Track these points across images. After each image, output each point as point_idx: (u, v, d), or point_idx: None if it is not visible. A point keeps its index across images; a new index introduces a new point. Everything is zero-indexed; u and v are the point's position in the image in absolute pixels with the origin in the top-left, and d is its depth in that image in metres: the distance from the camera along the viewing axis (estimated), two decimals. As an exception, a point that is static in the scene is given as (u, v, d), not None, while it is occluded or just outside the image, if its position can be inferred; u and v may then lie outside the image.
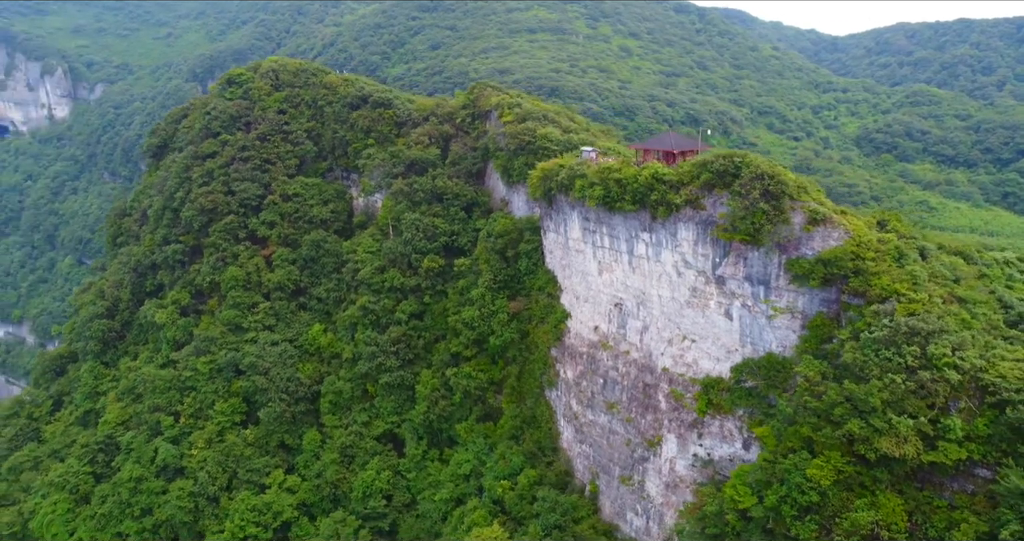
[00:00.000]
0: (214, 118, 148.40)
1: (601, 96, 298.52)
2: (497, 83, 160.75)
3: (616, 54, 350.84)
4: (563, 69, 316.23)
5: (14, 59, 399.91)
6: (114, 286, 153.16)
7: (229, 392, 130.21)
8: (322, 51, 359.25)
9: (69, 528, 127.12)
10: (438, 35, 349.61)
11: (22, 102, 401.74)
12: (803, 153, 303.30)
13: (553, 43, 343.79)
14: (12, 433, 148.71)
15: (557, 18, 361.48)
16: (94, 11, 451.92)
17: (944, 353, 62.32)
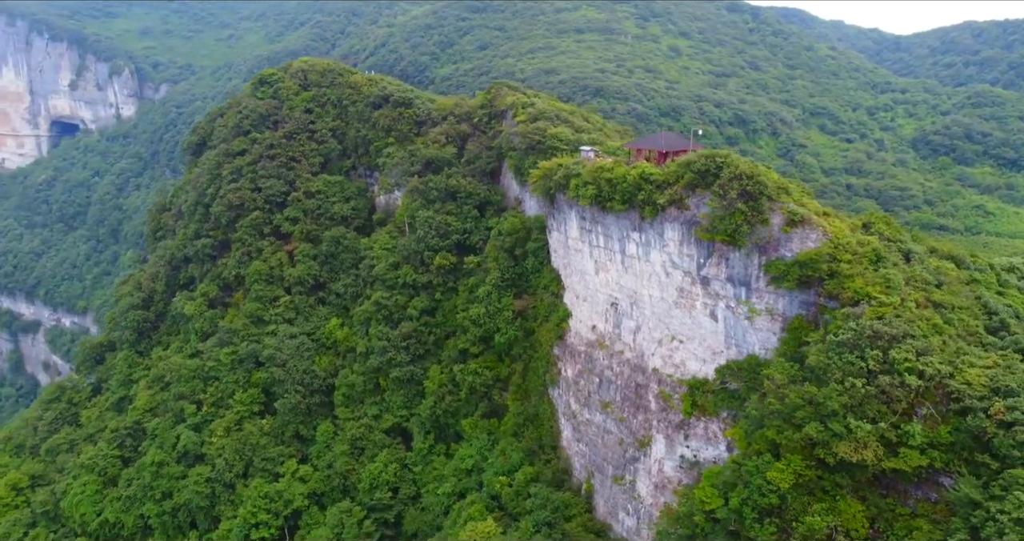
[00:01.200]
0: (245, 117, 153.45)
1: (647, 96, 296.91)
2: (516, 83, 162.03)
3: (665, 54, 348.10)
4: (609, 69, 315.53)
5: (85, 60, 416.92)
6: (150, 278, 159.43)
7: (249, 383, 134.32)
8: (374, 52, 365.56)
9: (97, 509, 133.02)
10: (486, 35, 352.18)
11: (92, 101, 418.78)
12: (855, 155, 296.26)
13: (600, 43, 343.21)
14: (52, 416, 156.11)
15: (605, 18, 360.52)
16: (161, 14, 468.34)
17: (906, 358, 61.12)
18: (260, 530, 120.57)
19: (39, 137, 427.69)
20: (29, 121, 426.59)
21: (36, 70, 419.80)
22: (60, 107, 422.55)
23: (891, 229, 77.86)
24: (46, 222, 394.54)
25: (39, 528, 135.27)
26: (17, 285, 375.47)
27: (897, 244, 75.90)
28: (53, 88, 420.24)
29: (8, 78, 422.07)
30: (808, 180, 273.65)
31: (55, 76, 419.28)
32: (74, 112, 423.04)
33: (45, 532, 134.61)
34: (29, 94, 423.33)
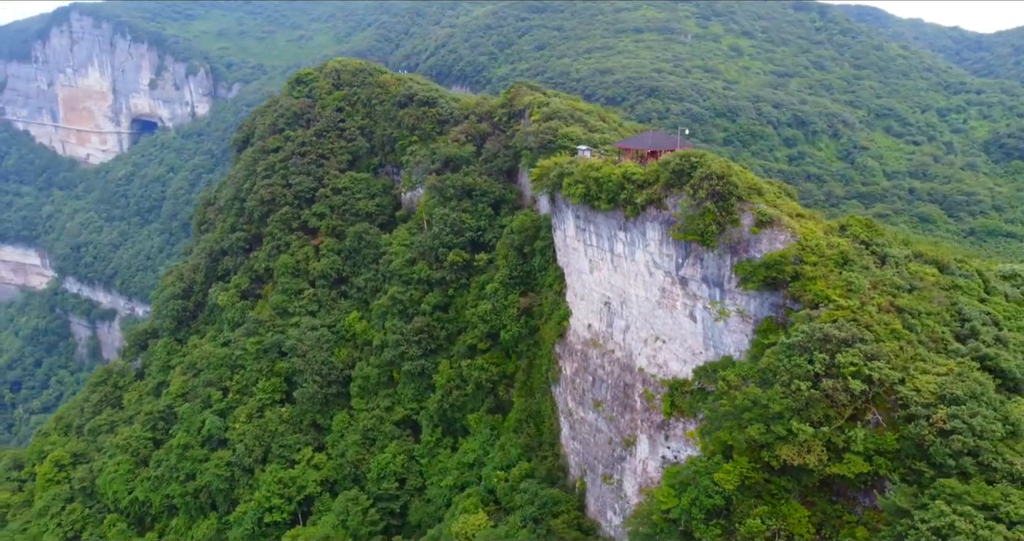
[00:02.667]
0: (280, 115, 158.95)
1: (703, 97, 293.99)
2: (537, 83, 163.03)
3: (725, 54, 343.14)
4: (666, 69, 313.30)
5: (164, 60, 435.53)
6: (191, 269, 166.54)
7: (272, 372, 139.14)
8: (434, 52, 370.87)
9: (128, 487, 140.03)
10: (544, 36, 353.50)
11: (169, 100, 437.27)
12: (921, 158, 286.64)
13: (659, 43, 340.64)
14: (98, 398, 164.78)
15: (665, 18, 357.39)
16: (237, 15, 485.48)
17: (851, 362, 60.02)
18: (273, 514, 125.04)
19: (120, 134, 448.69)
20: (112, 119, 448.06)
21: (119, 70, 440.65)
22: (140, 105, 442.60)
23: (870, 232, 76.12)
24: (124, 215, 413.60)
25: (76, 503, 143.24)
26: (96, 275, 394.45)
27: (873, 247, 74.26)
28: (134, 87, 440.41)
29: (94, 78, 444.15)
30: (868, 184, 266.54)
31: (136, 76, 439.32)
32: (153, 110, 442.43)
33: (81, 507, 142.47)
34: (112, 93, 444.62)
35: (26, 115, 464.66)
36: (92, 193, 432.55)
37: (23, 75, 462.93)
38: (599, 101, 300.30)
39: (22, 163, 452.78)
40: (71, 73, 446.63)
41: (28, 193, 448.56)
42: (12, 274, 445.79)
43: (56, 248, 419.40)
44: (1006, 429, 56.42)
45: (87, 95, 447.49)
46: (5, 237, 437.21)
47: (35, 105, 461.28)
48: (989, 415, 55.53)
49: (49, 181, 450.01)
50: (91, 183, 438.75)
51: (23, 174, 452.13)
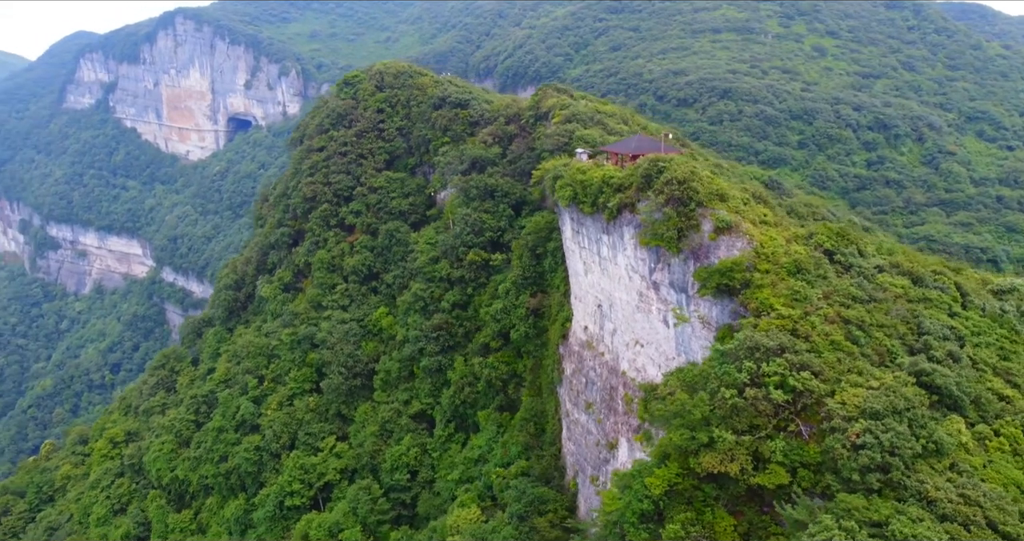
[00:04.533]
0: (327, 116, 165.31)
1: (778, 98, 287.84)
2: (565, 86, 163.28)
3: (807, 54, 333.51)
4: (741, 70, 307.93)
5: (259, 62, 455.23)
6: (244, 262, 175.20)
7: (304, 362, 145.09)
8: (511, 53, 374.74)
9: (170, 466, 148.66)
10: (620, 36, 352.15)
11: (263, 100, 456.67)
12: (1014, 164, 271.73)
13: (737, 43, 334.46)
14: (154, 381, 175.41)
15: (746, 17, 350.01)
16: (329, 18, 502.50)
17: (776, 372, 59.28)
18: (294, 498, 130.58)
19: (217, 132, 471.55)
20: (210, 117, 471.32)
21: (217, 71, 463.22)
22: (236, 105, 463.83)
23: (838, 241, 74.31)
24: (217, 210, 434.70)
25: (125, 478, 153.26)
26: (190, 265, 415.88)
27: (839, 256, 72.57)
28: (231, 87, 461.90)
29: (194, 78, 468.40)
30: (952, 190, 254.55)
31: (233, 76, 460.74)
32: (247, 109, 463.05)
33: (129, 482, 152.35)
34: (211, 93, 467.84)
35: (134, 113, 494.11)
36: (189, 188, 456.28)
37: (132, 76, 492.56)
38: (670, 103, 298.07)
39: (129, 159, 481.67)
40: (174, 74, 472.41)
41: (133, 187, 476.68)
42: (117, 263, 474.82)
43: (156, 239, 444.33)
44: (928, 447, 54.79)
45: (188, 95, 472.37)
46: (111, 228, 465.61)
47: (142, 104, 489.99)
48: (904, 432, 53.93)
49: (152, 176, 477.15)
50: (189, 178, 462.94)
51: (129, 169, 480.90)
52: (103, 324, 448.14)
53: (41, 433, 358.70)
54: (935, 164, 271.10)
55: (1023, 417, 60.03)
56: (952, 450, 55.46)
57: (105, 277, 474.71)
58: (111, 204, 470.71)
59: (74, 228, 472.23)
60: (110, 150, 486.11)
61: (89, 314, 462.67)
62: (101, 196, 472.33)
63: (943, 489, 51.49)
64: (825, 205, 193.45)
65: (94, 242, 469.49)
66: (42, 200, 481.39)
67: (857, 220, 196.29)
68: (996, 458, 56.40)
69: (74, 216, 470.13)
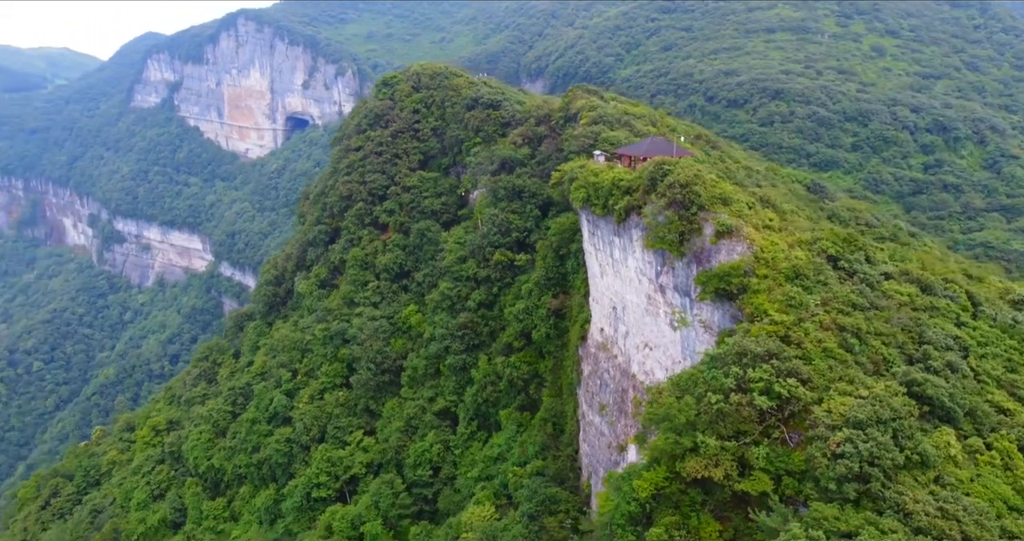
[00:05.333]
0: (364, 116, 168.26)
1: (832, 99, 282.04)
2: (596, 87, 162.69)
3: (865, 54, 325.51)
4: (795, 71, 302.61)
5: (316, 62, 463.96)
6: (285, 258, 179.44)
7: (335, 357, 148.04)
8: (562, 53, 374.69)
9: (207, 454, 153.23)
10: (672, 36, 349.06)
11: (320, 99, 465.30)
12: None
13: (791, 43, 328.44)
14: (197, 372, 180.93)
15: (802, 16, 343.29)
16: (386, 19, 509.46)
17: (761, 378, 58.75)
18: (320, 490, 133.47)
19: (275, 130, 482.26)
20: (268, 116, 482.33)
21: (277, 71, 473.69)
22: (293, 104, 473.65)
23: (844, 246, 73.04)
24: (274, 206, 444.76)
25: (165, 465, 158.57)
26: (246, 260, 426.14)
27: (843, 262, 71.35)
28: (289, 87, 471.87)
29: (254, 78, 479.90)
30: (1014, 195, 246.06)
31: (291, 76, 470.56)
32: (305, 109, 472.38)
33: (168, 469, 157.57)
34: (270, 92, 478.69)
35: (197, 112, 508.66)
36: (248, 185, 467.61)
37: (196, 75, 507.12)
38: (720, 104, 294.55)
39: (191, 156, 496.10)
40: (235, 74, 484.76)
41: (195, 183, 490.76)
42: (178, 257, 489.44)
43: (215, 235, 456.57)
44: (913, 459, 53.77)
45: (248, 94, 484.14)
46: (174, 223, 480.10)
47: (205, 103, 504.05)
48: (886, 442, 52.95)
49: (213, 173, 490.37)
50: (248, 175, 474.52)
51: (192, 166, 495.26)
52: (164, 316, 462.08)
53: (103, 420, 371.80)
54: (997, 168, 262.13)
55: (1019, 431, 58.27)
56: (938, 462, 54.26)
57: (167, 270, 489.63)
58: (174, 200, 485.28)
59: (139, 223, 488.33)
60: (174, 148, 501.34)
61: (151, 306, 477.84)
62: (164, 192, 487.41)
63: (922, 502, 50.46)
64: (870, 209, 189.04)
65: (157, 236, 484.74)
66: (110, 195, 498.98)
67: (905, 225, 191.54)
68: (985, 472, 54.97)
69: (139, 211, 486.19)
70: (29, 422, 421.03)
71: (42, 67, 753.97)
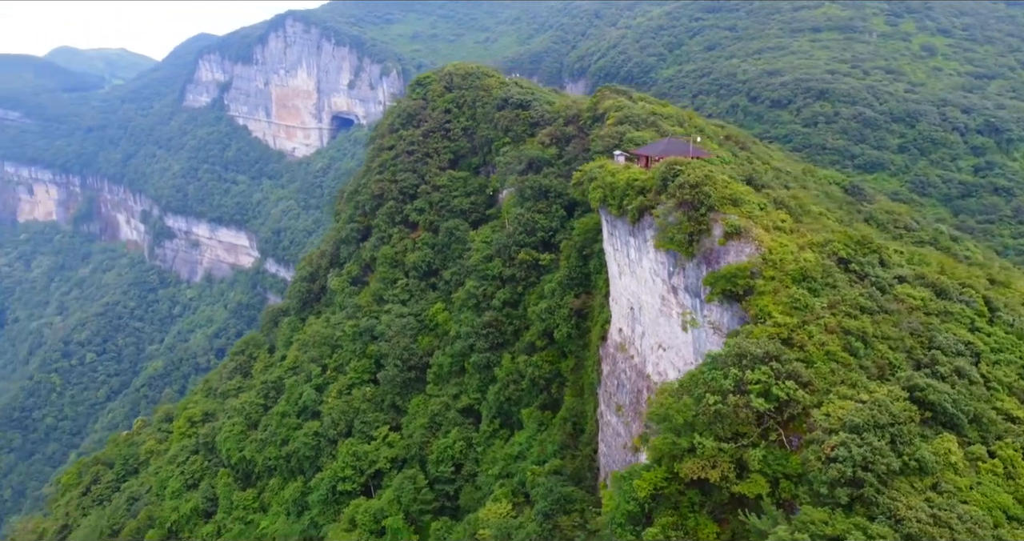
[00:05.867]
0: (397, 116, 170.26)
1: (879, 99, 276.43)
2: (625, 87, 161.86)
3: (914, 54, 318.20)
4: (841, 70, 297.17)
5: (362, 62, 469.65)
6: (319, 255, 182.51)
7: (364, 354, 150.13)
8: (604, 53, 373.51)
9: (239, 446, 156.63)
10: (716, 36, 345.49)
11: (365, 99, 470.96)
12: None
13: (838, 42, 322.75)
14: (233, 366, 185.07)
15: (849, 15, 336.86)
16: (431, 19, 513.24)
17: (759, 380, 58.41)
18: (345, 484, 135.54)
19: (321, 130, 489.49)
20: (315, 116, 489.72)
21: (323, 71, 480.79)
22: (339, 104, 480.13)
23: (857, 248, 72.02)
24: (318, 205, 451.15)
25: (199, 455, 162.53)
26: (291, 258, 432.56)
27: (854, 265, 70.38)
28: (335, 87, 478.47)
29: (301, 78, 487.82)
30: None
31: (337, 76, 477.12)
32: (350, 108, 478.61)
33: (202, 459, 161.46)
34: (316, 92, 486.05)
35: (246, 112, 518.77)
36: (294, 183, 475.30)
37: (245, 76, 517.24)
38: (763, 104, 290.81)
39: (239, 154, 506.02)
40: (283, 74, 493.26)
41: (243, 181, 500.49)
42: (226, 253, 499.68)
43: (261, 232, 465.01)
44: (910, 465, 53.05)
45: (295, 94, 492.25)
46: (221, 220, 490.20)
47: (253, 103, 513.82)
48: (881, 447, 52.32)
49: (260, 171, 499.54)
50: (294, 174, 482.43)
51: (240, 164, 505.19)
52: (211, 311, 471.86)
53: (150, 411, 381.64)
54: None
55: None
56: (937, 469, 53.49)
57: (215, 266, 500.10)
58: (222, 197, 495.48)
59: (188, 219, 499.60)
60: (223, 146, 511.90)
61: (199, 301, 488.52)
62: (213, 190, 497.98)
63: (915, 508, 49.77)
64: (910, 212, 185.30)
65: (205, 233, 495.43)
66: (161, 192, 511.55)
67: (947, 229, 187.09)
68: (986, 480, 53.89)
69: (188, 208, 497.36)
70: (81, 412, 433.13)
71: (100, 67, 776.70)
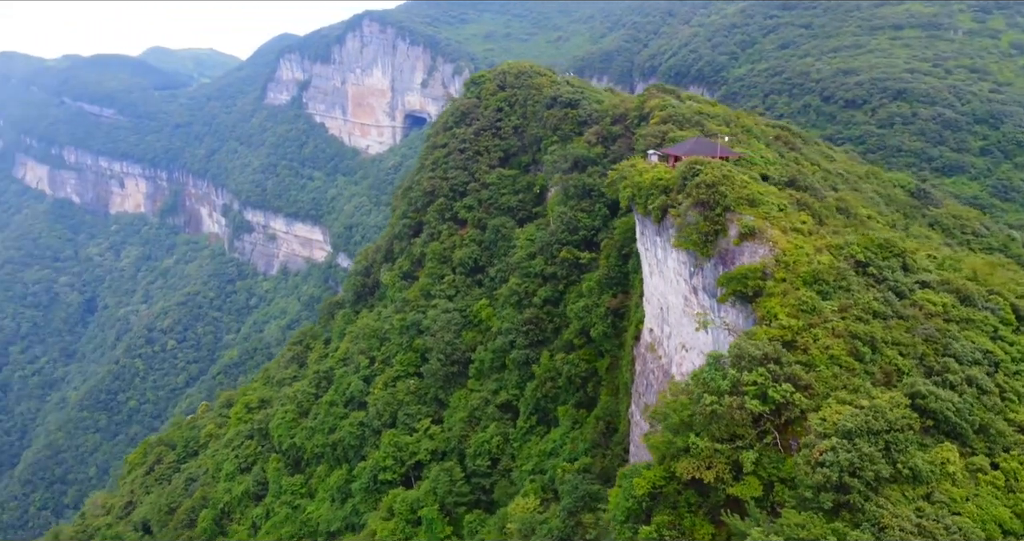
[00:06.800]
0: (451, 114, 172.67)
1: (961, 100, 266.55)
2: (673, 87, 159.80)
3: (1003, 52, 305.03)
4: (921, 69, 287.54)
5: (435, 62, 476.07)
6: (375, 250, 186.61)
7: (410, 347, 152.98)
8: (676, 52, 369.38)
9: (290, 433, 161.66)
10: (790, 34, 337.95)
11: (437, 98, 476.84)
12: None
13: (920, 40, 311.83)
14: (291, 355, 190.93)
15: (933, 12, 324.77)
16: (505, 18, 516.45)
17: (756, 381, 57.81)
18: (385, 473, 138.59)
19: (394, 128, 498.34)
20: (388, 114, 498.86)
21: (397, 70, 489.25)
22: (412, 102, 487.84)
23: (878, 251, 70.24)
24: (389, 201, 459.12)
25: (253, 440, 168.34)
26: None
27: (872, 268, 68.72)
28: (408, 86, 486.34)
29: (376, 77, 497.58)
30: None
31: (411, 75, 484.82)
32: (422, 107, 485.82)
33: (255, 444, 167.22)
34: (391, 91, 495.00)
35: (323, 110, 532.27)
36: (366, 180, 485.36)
37: (323, 75, 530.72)
38: (837, 104, 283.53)
39: (316, 151, 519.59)
40: (359, 73, 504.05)
41: (318, 178, 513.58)
42: (301, 247, 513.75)
43: (334, 227, 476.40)
44: (904, 473, 51.87)
45: (370, 93, 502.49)
46: (297, 215, 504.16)
47: (330, 101, 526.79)
48: (872, 453, 51.24)
49: (335, 168, 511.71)
50: (367, 171, 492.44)
51: (316, 161, 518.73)
52: (285, 303, 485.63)
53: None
54: None
55: (1033, 452, 54.87)
56: (932, 479, 52.12)
57: (290, 260, 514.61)
58: (298, 193, 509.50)
59: (266, 214, 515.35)
60: (300, 143, 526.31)
61: (274, 293, 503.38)
62: (290, 185, 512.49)
63: (900, 517, 48.74)
64: (980, 218, 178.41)
65: (282, 227, 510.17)
66: (241, 187, 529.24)
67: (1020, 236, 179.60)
68: (984, 492, 52.24)
69: (266, 203, 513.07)
70: (162, 396, 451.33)
71: (190, 67, 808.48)
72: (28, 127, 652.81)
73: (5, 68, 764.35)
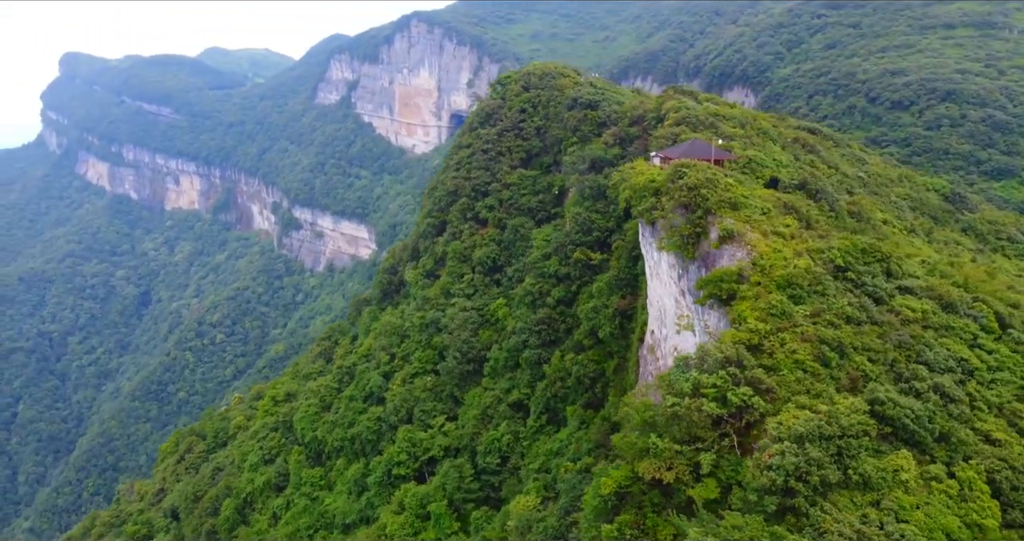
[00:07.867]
0: (476, 114, 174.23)
1: (1013, 101, 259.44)
2: (692, 88, 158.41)
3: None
4: (972, 70, 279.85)
5: (481, 62, 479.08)
6: (401, 248, 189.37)
7: (429, 345, 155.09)
8: (721, 52, 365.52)
9: (312, 426, 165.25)
10: (838, 33, 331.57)
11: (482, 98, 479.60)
12: None
13: (972, 40, 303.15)
14: (318, 351, 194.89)
15: (987, 10, 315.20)
16: (551, 19, 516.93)
17: (715, 384, 58.05)
18: (399, 468, 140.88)
19: (440, 127, 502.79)
20: (434, 114, 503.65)
21: (444, 70, 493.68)
22: (458, 102, 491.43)
23: (860, 256, 69.56)
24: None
25: (277, 432, 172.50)
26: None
27: (851, 274, 68.12)
28: (454, 86, 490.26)
29: (423, 77, 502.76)
30: None
31: (457, 75, 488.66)
32: (468, 107, 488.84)
33: (279, 436, 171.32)
34: (437, 90, 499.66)
35: (371, 109, 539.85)
36: (412, 179, 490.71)
37: (372, 75, 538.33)
38: (883, 105, 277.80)
39: (363, 150, 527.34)
40: (407, 73, 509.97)
41: (365, 176, 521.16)
42: (347, 245, 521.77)
43: (379, 225, 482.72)
44: (854, 479, 51.74)
45: (417, 92, 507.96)
46: (344, 213, 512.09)
47: (378, 101, 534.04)
48: (819, 458, 51.19)
49: (382, 167, 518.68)
50: (412, 170, 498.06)
51: (363, 160, 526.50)
52: (330, 299, 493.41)
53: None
54: None
55: (994, 463, 54.04)
56: (883, 486, 51.83)
57: (336, 257, 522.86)
58: (345, 191, 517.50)
59: (314, 211, 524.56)
60: (348, 142, 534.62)
61: (320, 289, 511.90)
62: (338, 184, 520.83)
63: (841, 522, 48.75)
64: (1018, 223, 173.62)
65: (329, 225, 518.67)
66: (290, 185, 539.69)
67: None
68: (936, 501, 51.77)
69: (314, 201, 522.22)
70: (210, 388, 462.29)
71: (245, 67, 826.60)
72: (90, 125, 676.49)
73: (71, 69, 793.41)
